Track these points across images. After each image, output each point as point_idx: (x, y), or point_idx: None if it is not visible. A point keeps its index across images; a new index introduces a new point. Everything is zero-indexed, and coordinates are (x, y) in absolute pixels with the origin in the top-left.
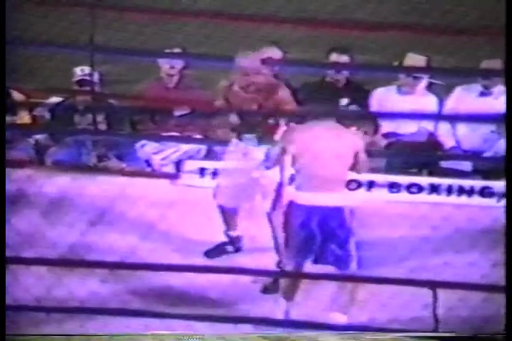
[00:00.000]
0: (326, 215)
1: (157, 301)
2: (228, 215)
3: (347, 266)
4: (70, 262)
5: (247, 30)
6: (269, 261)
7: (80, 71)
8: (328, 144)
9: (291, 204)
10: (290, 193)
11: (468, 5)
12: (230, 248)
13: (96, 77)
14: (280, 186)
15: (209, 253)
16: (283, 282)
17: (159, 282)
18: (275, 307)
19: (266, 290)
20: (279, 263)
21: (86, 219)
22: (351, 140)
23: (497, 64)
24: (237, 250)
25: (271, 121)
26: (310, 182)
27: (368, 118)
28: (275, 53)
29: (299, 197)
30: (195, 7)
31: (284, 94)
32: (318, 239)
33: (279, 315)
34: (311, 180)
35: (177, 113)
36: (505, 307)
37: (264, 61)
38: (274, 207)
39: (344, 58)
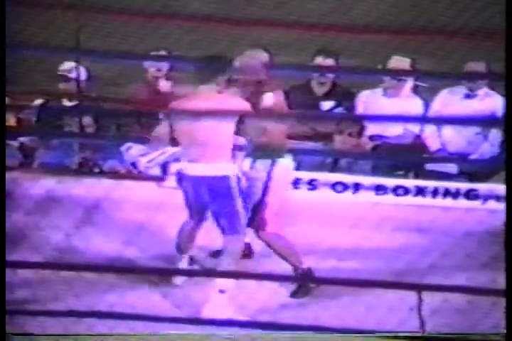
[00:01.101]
0: (212, 184)
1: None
2: None
3: (237, 230)
4: (56, 265)
5: (235, 33)
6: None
7: (65, 66)
8: (209, 113)
9: (179, 174)
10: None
11: (453, 8)
12: None
13: (83, 76)
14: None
15: None
16: None
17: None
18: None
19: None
20: (295, 269)
21: (72, 222)
22: (233, 105)
23: (481, 66)
24: None
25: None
26: (193, 153)
27: (353, 121)
28: (262, 56)
29: (185, 168)
30: (184, 10)
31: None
32: (209, 207)
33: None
34: (193, 150)
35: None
36: (505, 308)
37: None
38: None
39: (329, 61)
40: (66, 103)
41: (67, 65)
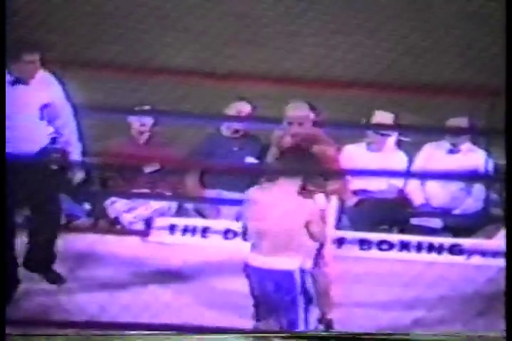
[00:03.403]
0: (277, 278)
1: None
2: None
3: (295, 327)
4: (38, 322)
5: (217, 88)
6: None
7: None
8: (282, 207)
9: (245, 266)
10: (246, 254)
11: (436, 64)
12: None
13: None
14: (321, 244)
15: None
16: None
17: None
18: None
19: None
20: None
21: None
22: (303, 208)
23: (463, 122)
24: None
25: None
26: (262, 244)
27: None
28: (245, 108)
29: (252, 259)
30: (167, 65)
31: (325, 148)
32: (271, 301)
33: None
34: (262, 241)
35: (147, 170)
36: (505, 308)
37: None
38: (315, 264)
39: (310, 115)
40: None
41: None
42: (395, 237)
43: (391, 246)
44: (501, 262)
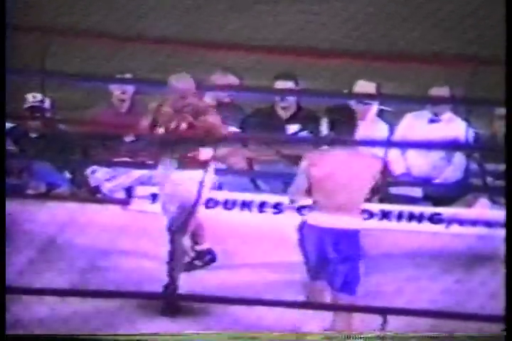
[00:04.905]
0: (340, 237)
1: None
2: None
3: (354, 291)
4: (17, 290)
5: (198, 56)
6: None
7: (32, 97)
8: (347, 168)
9: (304, 225)
10: (307, 214)
11: (418, 32)
12: (198, 262)
13: (47, 103)
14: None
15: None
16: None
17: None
18: None
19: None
20: (167, 286)
21: (35, 246)
22: (369, 164)
23: (445, 91)
24: (206, 264)
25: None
26: (327, 205)
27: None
28: (230, 79)
29: (314, 219)
30: (148, 33)
31: (213, 118)
32: (330, 261)
33: None
34: (328, 202)
35: (128, 138)
36: (505, 308)
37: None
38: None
39: (289, 84)
40: (33, 134)
41: (33, 96)
42: (375, 206)
43: (371, 215)
44: (479, 230)
